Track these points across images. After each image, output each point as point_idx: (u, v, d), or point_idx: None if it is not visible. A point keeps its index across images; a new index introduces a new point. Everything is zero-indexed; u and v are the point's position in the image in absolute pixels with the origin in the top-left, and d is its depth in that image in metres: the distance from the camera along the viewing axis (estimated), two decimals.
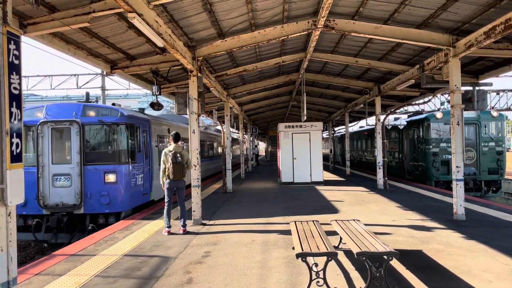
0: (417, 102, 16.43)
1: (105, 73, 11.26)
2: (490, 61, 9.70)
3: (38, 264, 5.49)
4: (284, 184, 15.34)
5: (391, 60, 10.88)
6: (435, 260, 5.26)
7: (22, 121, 3.34)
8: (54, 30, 6.08)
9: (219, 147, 24.84)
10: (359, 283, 4.44)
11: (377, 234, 6.69)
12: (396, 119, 19.53)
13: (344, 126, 24.93)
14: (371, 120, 30.96)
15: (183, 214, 7.33)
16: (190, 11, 6.94)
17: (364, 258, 4.05)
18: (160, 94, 9.99)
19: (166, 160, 7.21)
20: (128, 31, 7.29)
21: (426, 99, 14.44)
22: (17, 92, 3.25)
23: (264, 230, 7.32)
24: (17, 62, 3.27)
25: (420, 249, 5.82)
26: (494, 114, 14.90)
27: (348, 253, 5.60)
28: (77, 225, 8.84)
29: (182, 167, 7.22)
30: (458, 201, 7.92)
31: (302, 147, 15.26)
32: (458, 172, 7.90)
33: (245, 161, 25.29)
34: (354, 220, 5.76)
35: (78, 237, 8.38)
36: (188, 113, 8.27)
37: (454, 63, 7.94)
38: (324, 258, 4.14)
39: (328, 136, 31.63)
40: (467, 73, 10.69)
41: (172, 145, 7.35)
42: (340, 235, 5.29)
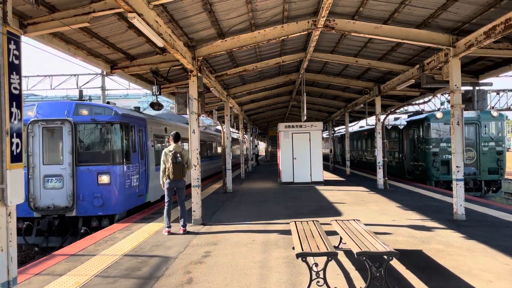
0: (417, 102, 16.43)
1: (105, 73, 11.25)
2: (490, 61, 9.70)
3: (38, 264, 5.49)
4: (284, 184, 15.34)
5: (391, 60, 10.88)
6: (435, 260, 5.26)
7: (22, 121, 3.34)
8: (54, 30, 6.08)
9: (219, 147, 24.83)
10: (359, 283, 4.44)
11: (377, 234, 6.69)
12: (396, 119, 19.53)
13: (344, 126, 24.94)
14: (371, 120, 31.02)
15: (183, 214, 7.32)
16: (190, 11, 6.94)
17: (364, 258, 4.05)
18: (160, 94, 9.96)
19: (166, 160, 7.20)
20: (128, 31, 7.29)
21: (426, 99, 14.44)
22: (17, 92, 3.25)
23: (264, 230, 7.32)
24: (17, 62, 3.27)
25: (420, 249, 5.82)
26: (494, 114, 14.90)
27: (348, 253, 5.61)
28: (69, 228, 8.55)
29: (182, 167, 7.22)
30: (458, 201, 7.92)
31: (302, 147, 15.26)
32: (458, 172, 7.90)
33: (245, 161, 25.29)
34: (354, 220, 5.76)
35: (70, 240, 8.11)
36: (188, 113, 8.27)
37: (454, 63, 7.94)
38: (324, 258, 4.14)
39: (328, 136, 31.64)
40: (467, 73, 10.70)
41: (172, 145, 7.35)
42: (340, 235, 5.29)
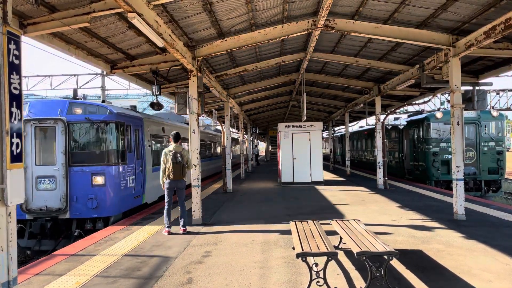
0: (417, 102, 16.44)
1: (105, 73, 11.24)
2: (490, 60, 9.70)
3: (38, 264, 5.49)
4: (284, 184, 15.34)
5: (391, 60, 10.88)
6: (435, 259, 5.26)
7: (22, 121, 3.34)
8: (54, 30, 6.08)
9: (219, 147, 24.82)
10: (359, 283, 4.44)
11: (377, 234, 6.69)
12: (396, 119, 19.54)
13: (344, 126, 24.94)
14: (371, 120, 30.97)
15: (183, 214, 7.31)
16: (190, 11, 6.95)
17: (364, 258, 4.05)
18: (160, 94, 9.96)
19: (166, 160, 7.19)
20: (128, 31, 7.30)
21: (426, 99, 14.44)
22: (17, 92, 3.26)
23: (264, 230, 7.32)
24: (17, 62, 3.27)
25: (420, 248, 5.82)
26: (494, 114, 14.90)
27: (348, 253, 5.61)
28: (62, 231, 8.34)
29: (182, 167, 7.21)
30: (458, 200, 7.92)
31: (302, 147, 15.26)
32: (458, 172, 7.90)
33: (245, 161, 25.30)
34: (354, 220, 5.76)
35: (63, 244, 7.92)
36: (188, 113, 8.26)
37: (454, 63, 7.94)
38: (324, 258, 4.14)
39: (328, 136, 31.63)
40: (467, 72, 10.70)
41: (172, 145, 7.34)
42: (340, 235, 5.29)
